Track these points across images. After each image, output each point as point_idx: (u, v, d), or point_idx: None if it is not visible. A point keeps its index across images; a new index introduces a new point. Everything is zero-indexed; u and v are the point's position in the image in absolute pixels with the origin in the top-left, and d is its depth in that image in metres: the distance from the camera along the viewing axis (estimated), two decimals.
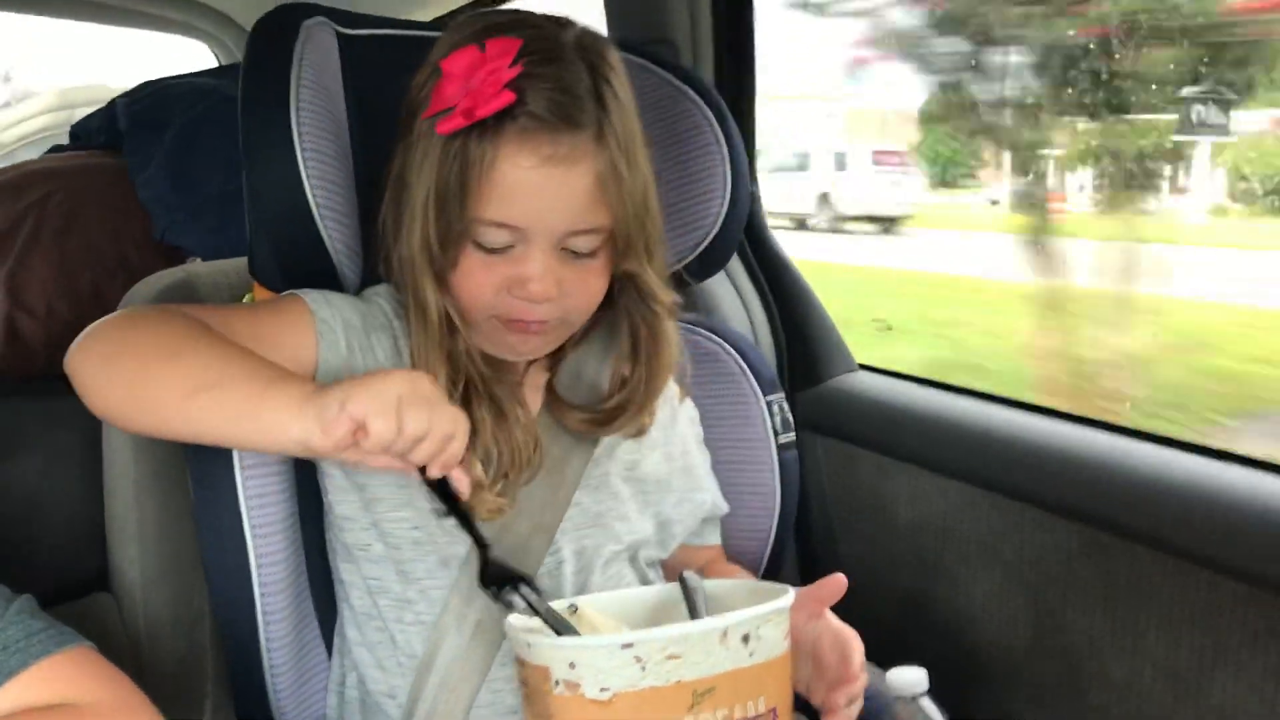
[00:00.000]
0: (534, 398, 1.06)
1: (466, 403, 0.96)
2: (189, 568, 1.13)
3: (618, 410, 1.05)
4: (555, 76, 0.91)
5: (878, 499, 1.51)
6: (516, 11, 0.97)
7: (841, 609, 1.54)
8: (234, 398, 0.84)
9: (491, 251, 0.94)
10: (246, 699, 1.06)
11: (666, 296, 1.04)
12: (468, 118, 0.90)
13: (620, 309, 1.05)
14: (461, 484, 0.88)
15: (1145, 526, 1.18)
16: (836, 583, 0.96)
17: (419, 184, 0.93)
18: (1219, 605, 1.11)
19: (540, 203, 0.92)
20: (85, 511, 1.21)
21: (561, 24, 0.96)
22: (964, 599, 1.39)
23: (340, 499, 1.01)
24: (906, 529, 1.47)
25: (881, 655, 1.27)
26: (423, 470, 0.87)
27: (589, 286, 0.98)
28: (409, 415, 0.81)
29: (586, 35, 0.96)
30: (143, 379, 0.87)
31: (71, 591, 1.19)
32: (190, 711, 1.15)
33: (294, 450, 0.86)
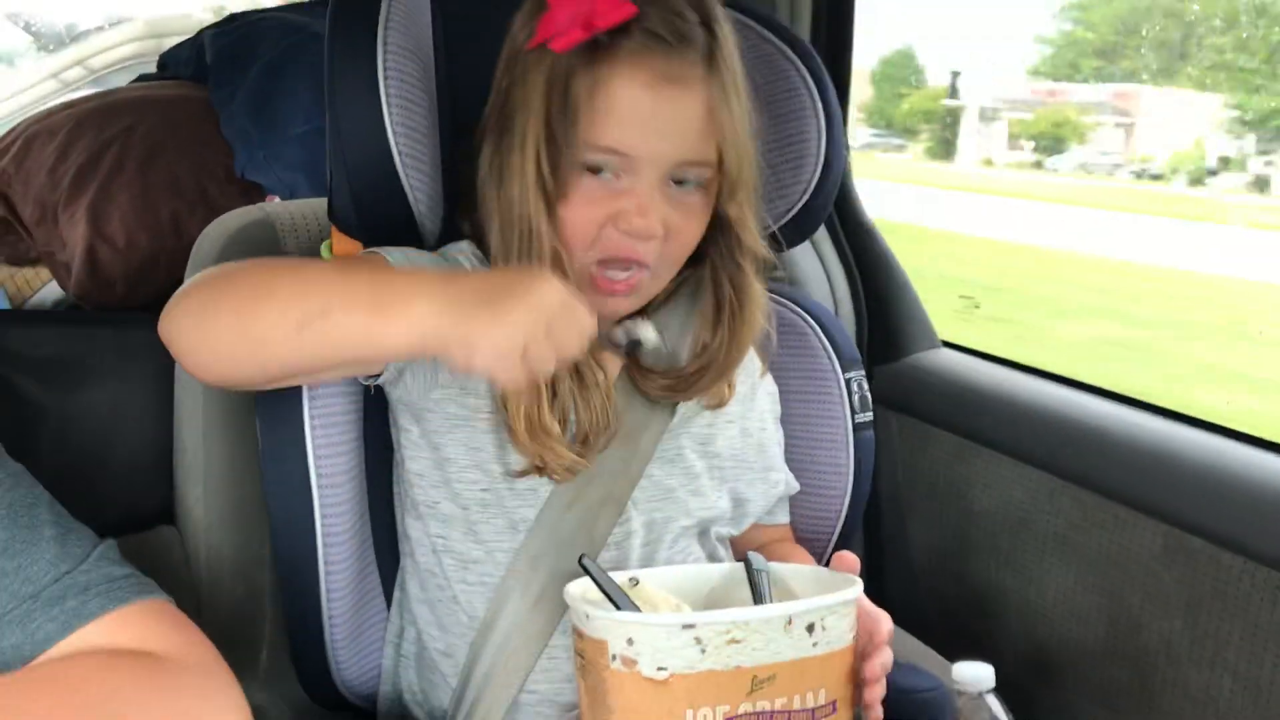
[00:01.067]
0: (613, 363, 1.04)
1: None
2: (254, 510, 1.13)
3: (698, 374, 1.03)
4: (668, 2, 0.92)
5: (952, 483, 1.47)
6: None
7: (908, 595, 1.51)
8: (347, 324, 0.81)
9: (599, 180, 0.92)
10: (303, 646, 1.06)
11: (759, 249, 1.03)
12: (586, 29, 0.89)
13: (707, 266, 1.03)
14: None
15: (1235, 532, 1.13)
16: (848, 561, 0.95)
17: (528, 114, 0.92)
18: None
19: (651, 127, 0.91)
20: (155, 444, 1.22)
21: None
22: (1037, 593, 1.35)
23: (413, 454, 1.00)
24: (981, 516, 1.43)
25: (948, 645, 1.24)
26: None
27: (690, 228, 0.97)
28: (534, 358, 0.78)
29: None
30: (247, 323, 0.84)
31: (137, 523, 1.20)
32: (247, 653, 1.15)
33: (417, 358, 0.88)
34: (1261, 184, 6.45)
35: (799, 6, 1.56)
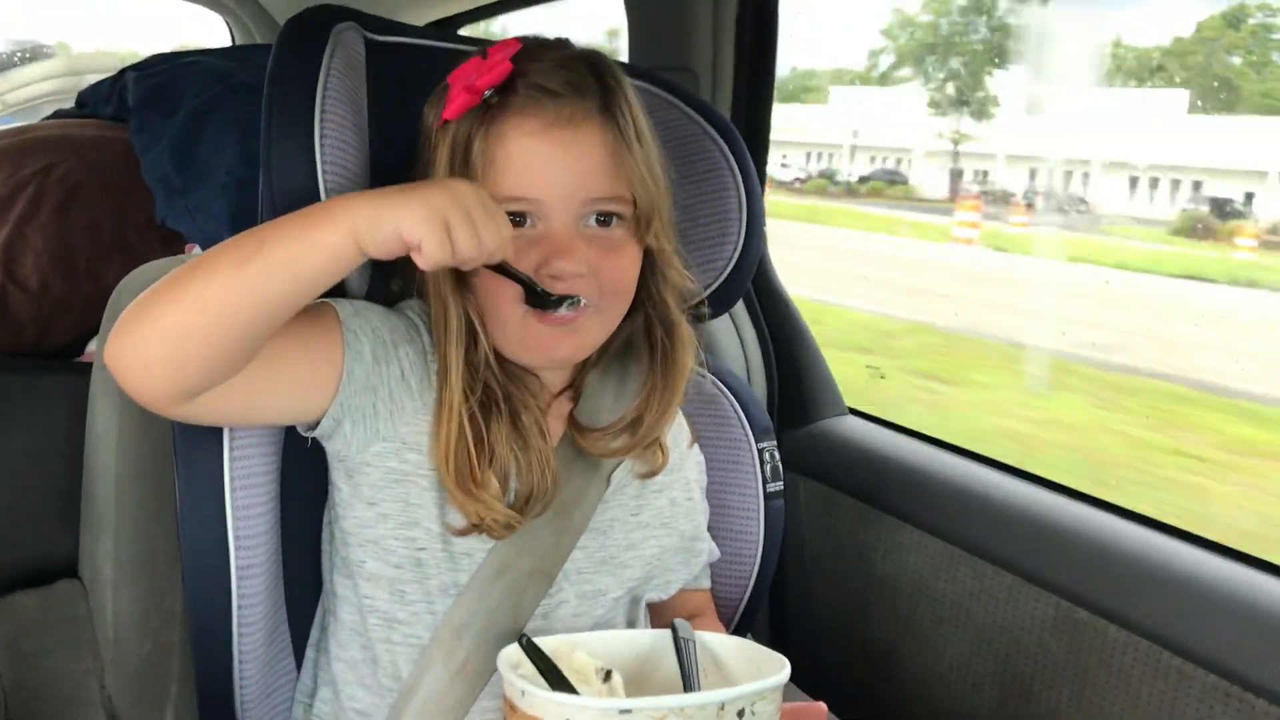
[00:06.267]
0: (556, 428, 1.05)
1: (485, 411, 0.97)
2: (164, 567, 1.11)
3: (636, 423, 1.04)
4: (556, 57, 0.96)
5: (856, 547, 1.51)
6: (521, 38, 1.00)
7: (813, 658, 1.55)
8: (283, 243, 0.83)
9: (516, 229, 0.94)
10: (212, 705, 1.05)
11: (683, 282, 1.05)
12: (471, 92, 0.93)
13: (640, 316, 1.05)
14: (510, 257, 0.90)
15: (1120, 605, 1.19)
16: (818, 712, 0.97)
17: None
18: (1187, 694, 1.11)
19: (551, 170, 0.94)
20: (63, 495, 1.19)
21: (564, 42, 1.00)
22: (934, 658, 1.39)
23: (346, 514, 1.00)
24: (882, 581, 1.47)
25: (850, 711, 1.27)
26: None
27: (619, 264, 0.99)
28: (458, 234, 0.83)
29: (588, 49, 1.00)
30: (186, 285, 0.83)
31: (39, 576, 1.18)
32: (151, 713, 1.13)
33: (354, 258, 0.84)
34: None
35: (720, 83, 1.61)
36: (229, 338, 0.84)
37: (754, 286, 1.63)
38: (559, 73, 0.94)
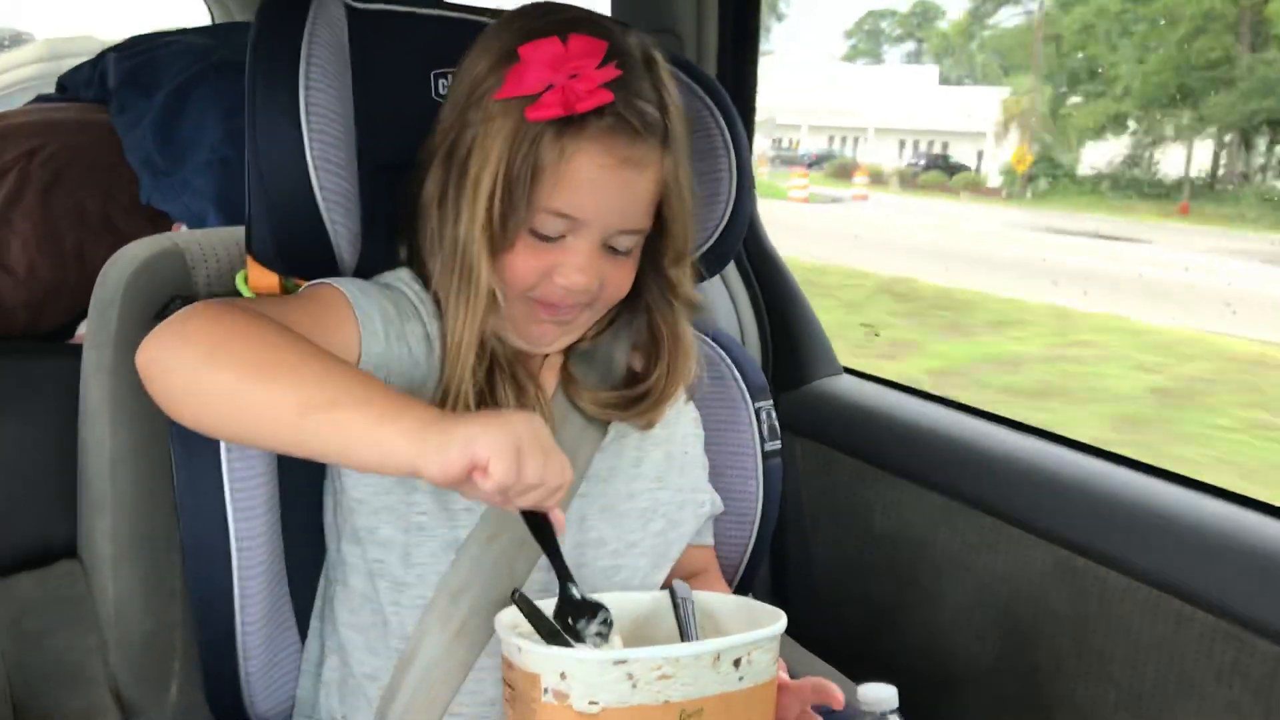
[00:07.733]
0: (549, 378, 1.07)
1: (490, 379, 0.99)
2: (163, 544, 1.11)
3: (637, 399, 1.06)
4: (635, 84, 0.95)
5: (854, 505, 1.52)
6: (577, 9, 0.99)
7: (814, 616, 1.55)
8: (351, 420, 0.82)
9: (544, 239, 0.96)
10: (216, 680, 1.05)
11: (694, 297, 1.08)
12: (565, 109, 0.92)
13: (642, 305, 1.07)
14: (559, 522, 0.88)
15: (1119, 552, 1.19)
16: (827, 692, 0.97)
17: (485, 164, 0.94)
18: (1187, 636, 1.12)
19: (606, 201, 0.95)
20: (57, 476, 1.19)
21: (623, 28, 1.00)
22: (935, 612, 1.40)
23: (355, 482, 1.01)
24: (881, 537, 1.48)
25: (852, 665, 1.28)
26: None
27: (621, 278, 1.02)
28: (528, 462, 0.80)
29: (645, 43, 1.00)
30: (249, 391, 0.84)
31: (38, 558, 1.18)
32: (157, 688, 1.13)
33: (401, 474, 0.83)
34: None
35: (705, 44, 1.60)
36: (266, 446, 0.94)
37: (745, 247, 1.63)
38: (639, 105, 0.94)
